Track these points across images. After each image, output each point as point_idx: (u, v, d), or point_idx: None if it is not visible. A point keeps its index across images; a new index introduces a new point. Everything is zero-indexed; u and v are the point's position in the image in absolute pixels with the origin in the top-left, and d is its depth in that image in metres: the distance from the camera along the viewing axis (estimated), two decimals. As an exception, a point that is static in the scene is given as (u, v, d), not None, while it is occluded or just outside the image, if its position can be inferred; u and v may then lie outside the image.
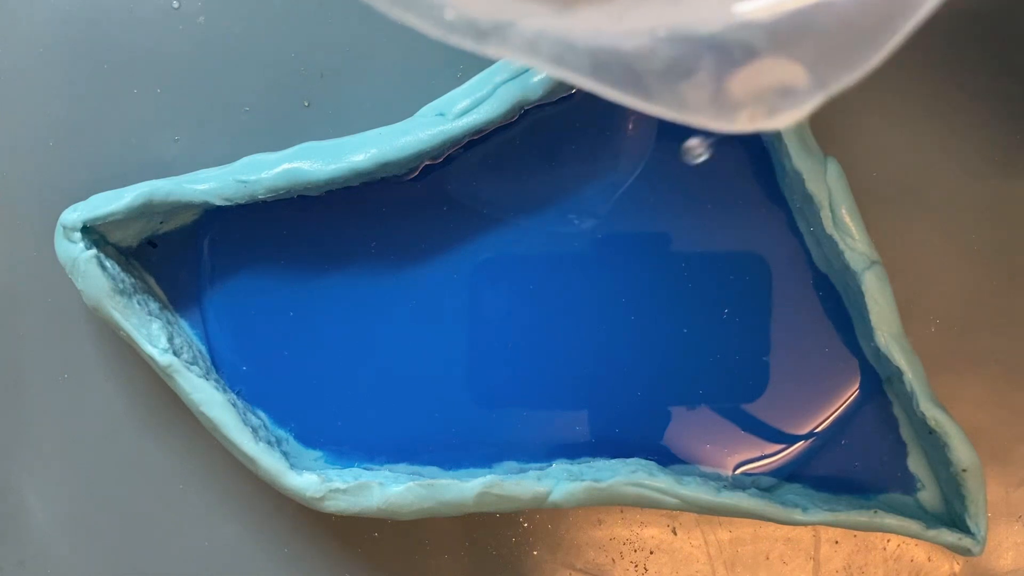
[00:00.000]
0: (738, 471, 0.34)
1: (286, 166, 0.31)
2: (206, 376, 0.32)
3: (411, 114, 0.33)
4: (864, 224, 0.32)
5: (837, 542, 0.35)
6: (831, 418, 0.34)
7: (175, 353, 0.31)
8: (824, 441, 0.34)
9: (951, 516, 0.33)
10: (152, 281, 0.33)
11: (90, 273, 0.31)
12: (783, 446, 0.34)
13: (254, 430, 0.32)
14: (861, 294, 0.32)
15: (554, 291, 0.34)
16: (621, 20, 0.19)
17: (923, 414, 0.32)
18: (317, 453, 0.33)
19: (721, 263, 0.34)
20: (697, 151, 0.27)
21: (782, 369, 0.34)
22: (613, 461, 0.33)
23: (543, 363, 0.34)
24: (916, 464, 0.34)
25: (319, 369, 0.33)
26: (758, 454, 0.34)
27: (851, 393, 0.34)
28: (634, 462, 0.32)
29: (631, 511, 0.35)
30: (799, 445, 0.34)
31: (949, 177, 0.35)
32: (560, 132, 0.34)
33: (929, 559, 0.35)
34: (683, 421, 0.34)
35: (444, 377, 0.34)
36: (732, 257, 0.34)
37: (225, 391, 0.32)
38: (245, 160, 0.32)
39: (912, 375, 0.32)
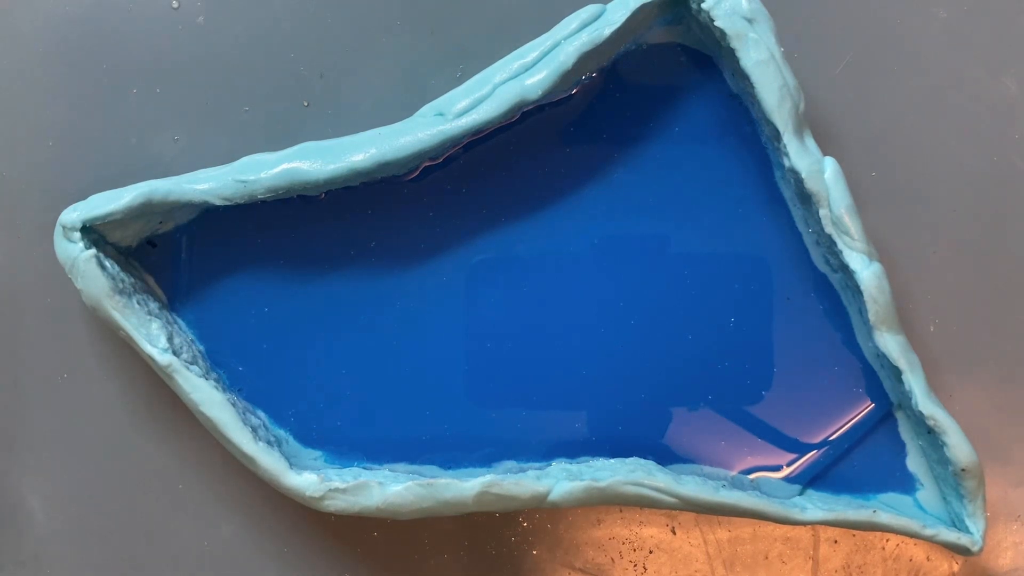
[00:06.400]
0: (750, 477, 0.34)
1: (286, 166, 0.31)
2: (205, 376, 0.32)
3: (411, 114, 0.33)
4: (863, 224, 0.32)
5: (836, 541, 0.35)
6: (844, 427, 0.34)
7: (175, 353, 0.31)
8: (833, 446, 0.34)
9: (950, 515, 0.33)
10: (151, 281, 0.33)
11: (90, 273, 0.31)
12: (795, 455, 0.34)
13: (254, 430, 0.32)
14: (860, 293, 0.32)
15: (553, 291, 0.34)
16: None
17: (922, 413, 0.32)
18: (317, 453, 0.33)
19: (719, 263, 0.34)
20: None
21: (781, 370, 0.34)
22: (612, 461, 0.33)
23: (542, 363, 0.34)
24: (915, 464, 0.34)
25: (319, 369, 0.33)
26: (766, 462, 0.34)
27: (863, 403, 0.34)
28: (633, 462, 0.33)
29: (630, 511, 0.35)
30: (812, 454, 0.34)
31: (949, 177, 0.35)
32: (560, 132, 0.34)
33: (928, 558, 0.35)
34: (683, 422, 0.34)
35: (444, 377, 0.34)
36: (730, 257, 0.34)
37: (225, 391, 0.32)
38: (245, 160, 0.32)
39: (911, 374, 0.32)
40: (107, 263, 0.31)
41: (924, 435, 0.33)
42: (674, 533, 0.35)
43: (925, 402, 0.32)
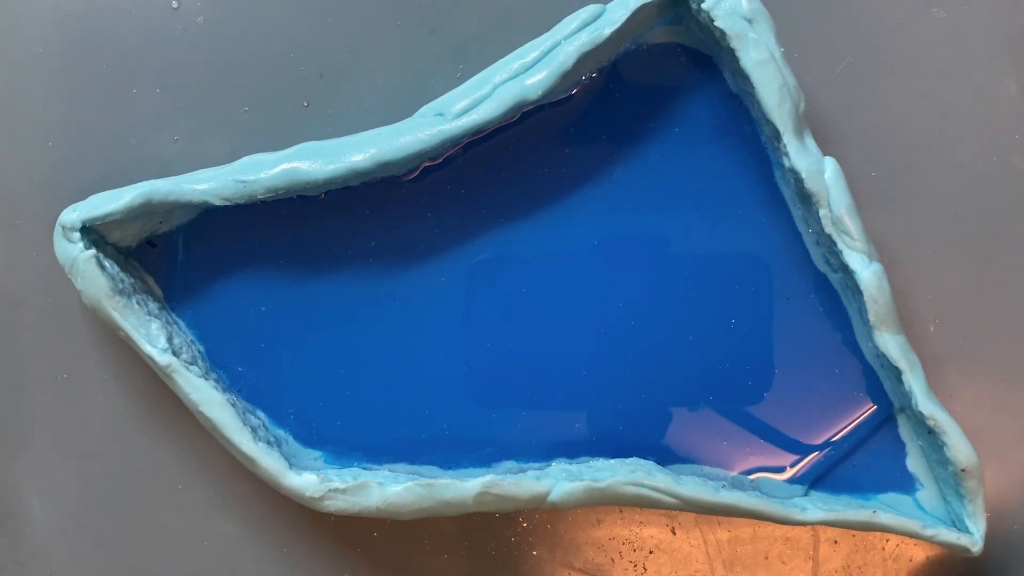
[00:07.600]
0: (751, 478, 0.34)
1: (285, 166, 0.31)
2: (205, 376, 0.32)
3: (411, 114, 0.33)
4: (863, 224, 0.32)
5: (836, 542, 0.35)
6: (845, 429, 0.34)
7: (174, 353, 0.31)
8: (834, 448, 0.34)
9: (950, 515, 0.33)
10: (151, 281, 0.33)
11: (89, 273, 0.31)
12: (795, 456, 0.34)
13: (253, 430, 0.32)
14: (860, 293, 0.32)
15: (553, 291, 0.34)
16: None
17: (922, 413, 0.32)
18: (316, 453, 0.33)
19: (719, 263, 0.34)
20: None
21: (781, 371, 0.34)
22: (612, 461, 0.33)
23: (542, 363, 0.34)
24: (915, 464, 0.34)
25: (319, 369, 0.33)
26: (766, 463, 0.34)
27: (864, 404, 0.34)
28: (633, 462, 0.32)
29: (630, 511, 0.35)
30: (813, 456, 0.34)
31: (949, 177, 0.35)
32: (560, 132, 0.34)
33: (928, 559, 0.35)
34: (683, 422, 0.34)
35: (444, 377, 0.34)
36: (730, 257, 0.34)
37: (224, 391, 0.32)
38: (244, 160, 0.32)
39: (911, 374, 0.32)
40: (107, 263, 0.31)
41: (924, 435, 0.33)
42: (674, 533, 0.35)
43: (925, 402, 0.32)
